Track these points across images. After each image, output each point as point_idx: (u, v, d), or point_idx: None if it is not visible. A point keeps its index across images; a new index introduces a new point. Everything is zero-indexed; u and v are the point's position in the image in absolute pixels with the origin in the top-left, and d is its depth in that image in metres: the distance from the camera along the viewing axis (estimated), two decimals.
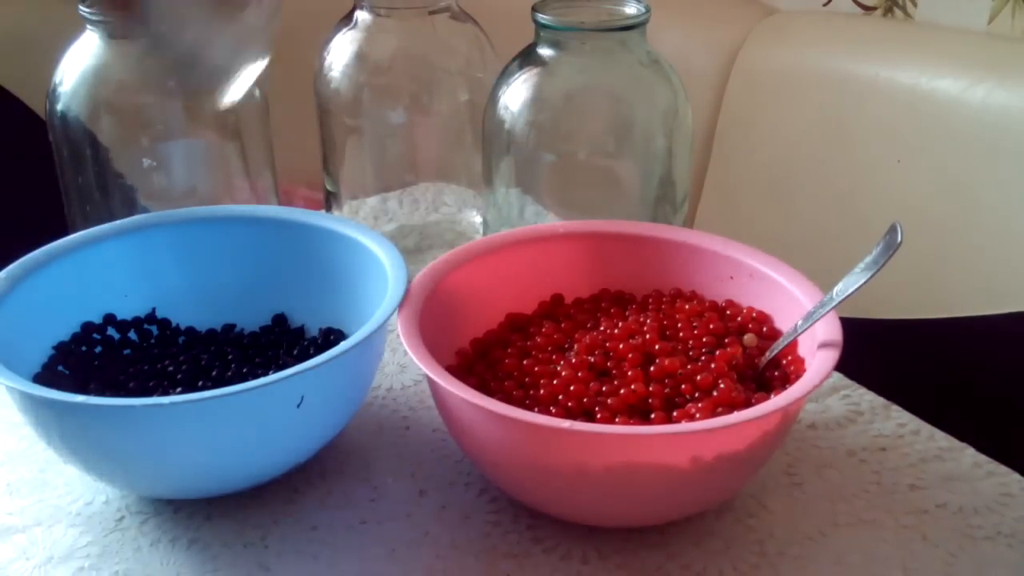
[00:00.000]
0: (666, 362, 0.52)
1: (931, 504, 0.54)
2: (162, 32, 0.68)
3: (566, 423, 0.46)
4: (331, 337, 0.61)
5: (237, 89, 0.65)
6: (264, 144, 0.76)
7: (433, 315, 0.55)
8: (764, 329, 0.57)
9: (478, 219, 0.81)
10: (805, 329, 0.52)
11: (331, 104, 0.77)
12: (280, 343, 0.61)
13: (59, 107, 0.70)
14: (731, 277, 0.60)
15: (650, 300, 0.60)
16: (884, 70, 0.98)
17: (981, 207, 0.90)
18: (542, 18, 0.65)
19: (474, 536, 0.52)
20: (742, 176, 1.10)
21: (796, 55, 1.06)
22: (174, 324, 0.63)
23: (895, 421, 0.60)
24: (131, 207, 0.72)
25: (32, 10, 1.17)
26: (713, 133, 1.12)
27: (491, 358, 0.56)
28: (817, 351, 0.50)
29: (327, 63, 0.76)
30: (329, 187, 0.81)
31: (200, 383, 0.57)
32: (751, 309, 0.58)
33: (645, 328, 0.55)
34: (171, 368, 0.58)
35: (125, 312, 0.61)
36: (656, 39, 0.68)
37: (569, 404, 0.51)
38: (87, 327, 0.60)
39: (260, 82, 0.73)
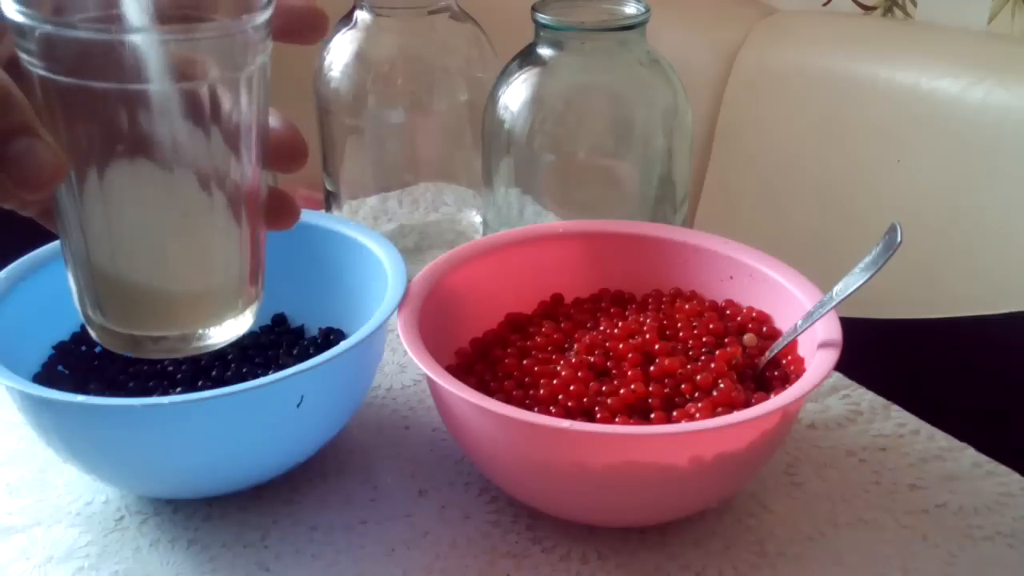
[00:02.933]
0: (666, 362, 0.52)
1: (931, 504, 0.54)
2: None
3: (566, 423, 0.46)
4: (331, 337, 0.61)
5: None
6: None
7: (433, 315, 0.55)
8: (764, 329, 0.57)
9: (478, 219, 0.81)
10: (805, 329, 0.52)
11: (331, 104, 0.77)
12: (280, 343, 0.61)
13: None
14: (731, 277, 0.60)
15: (650, 300, 0.60)
16: (884, 70, 0.98)
17: (981, 207, 0.90)
18: (542, 18, 0.65)
19: (474, 536, 0.52)
20: (742, 176, 1.10)
21: (796, 55, 1.06)
22: None
23: (895, 421, 0.60)
24: None
25: None
26: (713, 133, 1.12)
27: (491, 358, 0.56)
28: (817, 351, 0.50)
29: (327, 63, 0.76)
30: (329, 187, 0.81)
31: (200, 383, 0.57)
32: (751, 309, 0.58)
33: (645, 328, 0.55)
34: (171, 368, 0.58)
35: None
36: (656, 39, 0.68)
37: (569, 404, 0.51)
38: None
39: None
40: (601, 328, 0.57)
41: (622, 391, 0.51)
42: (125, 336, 0.38)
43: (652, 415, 0.50)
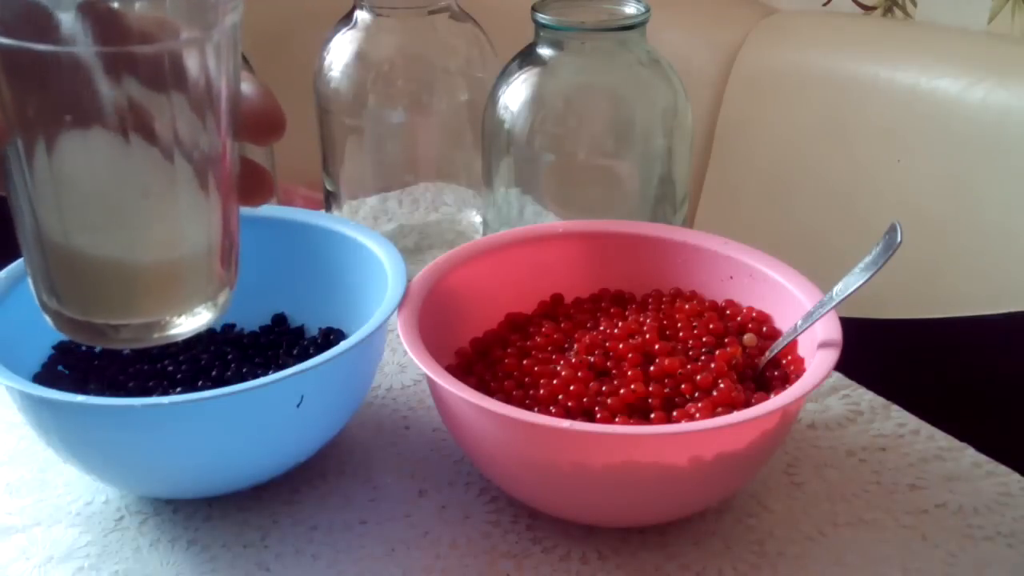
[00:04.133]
0: (666, 362, 0.52)
1: (931, 504, 0.54)
2: None
3: (566, 423, 0.46)
4: (331, 337, 0.61)
5: None
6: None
7: (433, 315, 0.55)
8: (764, 329, 0.57)
9: (478, 219, 0.81)
10: (805, 329, 0.52)
11: (331, 104, 0.77)
12: (280, 343, 0.61)
13: None
14: (731, 277, 0.60)
15: (650, 300, 0.60)
16: (884, 70, 0.98)
17: (981, 207, 0.90)
18: (542, 18, 0.65)
19: (474, 536, 0.52)
20: (742, 176, 1.10)
21: (796, 55, 1.06)
22: None
23: (895, 421, 0.60)
24: None
25: None
26: (713, 133, 1.12)
27: (491, 358, 0.56)
28: (817, 351, 0.50)
29: (327, 63, 0.76)
30: (329, 187, 0.81)
31: (200, 383, 0.57)
32: (751, 309, 0.58)
33: (645, 328, 0.55)
34: (171, 368, 0.58)
35: None
36: (656, 39, 0.68)
37: (569, 404, 0.51)
38: None
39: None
40: (601, 328, 0.57)
41: (622, 391, 0.51)
42: (83, 324, 0.36)
43: (652, 415, 0.50)
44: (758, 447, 0.48)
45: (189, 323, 0.37)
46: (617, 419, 0.50)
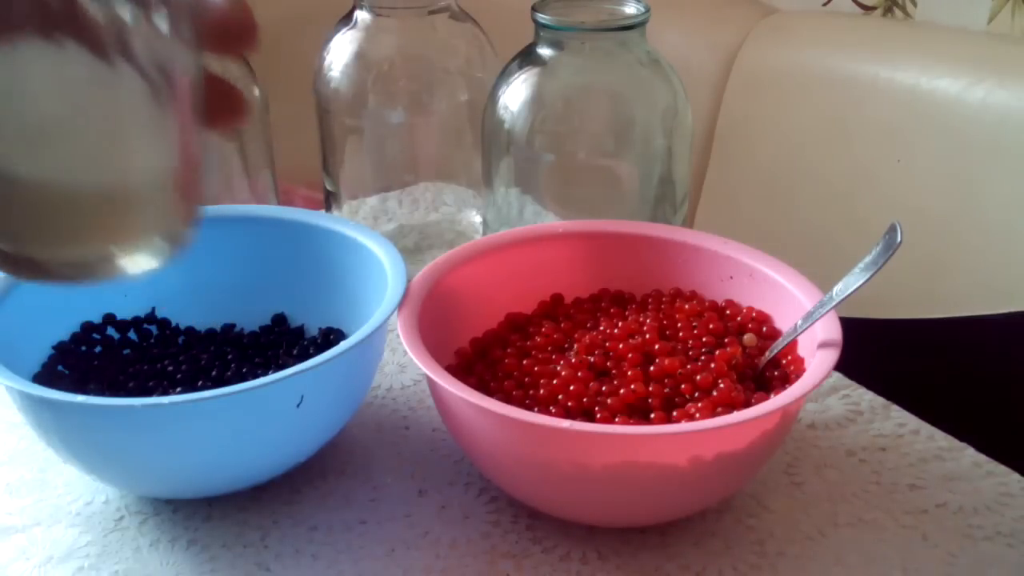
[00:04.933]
0: (666, 362, 0.52)
1: (931, 504, 0.54)
2: None
3: (566, 423, 0.46)
4: (331, 337, 0.61)
5: None
6: (264, 143, 0.76)
7: (433, 315, 0.55)
8: (764, 329, 0.57)
9: (478, 219, 0.81)
10: (805, 329, 0.52)
11: (331, 104, 0.77)
12: (280, 343, 0.61)
13: None
14: (731, 277, 0.60)
15: (650, 300, 0.60)
16: (884, 70, 0.98)
17: (981, 207, 0.91)
18: (542, 18, 0.65)
19: (474, 536, 0.52)
20: (742, 176, 1.10)
21: (796, 55, 1.06)
22: (174, 324, 0.63)
23: (895, 421, 0.60)
24: None
25: None
26: (713, 133, 1.12)
27: (491, 358, 0.56)
28: (817, 351, 0.50)
29: (327, 63, 0.76)
30: (329, 187, 0.81)
31: (200, 383, 0.57)
32: (751, 309, 0.58)
33: (645, 328, 0.55)
34: (171, 368, 0.58)
35: (125, 312, 0.61)
36: (656, 39, 0.68)
37: (569, 404, 0.51)
38: (87, 327, 0.60)
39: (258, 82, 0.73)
40: (601, 328, 0.57)
41: (622, 391, 0.51)
42: (21, 259, 0.32)
43: (652, 415, 0.50)
44: (758, 447, 0.48)
45: (141, 260, 0.33)
46: (617, 419, 0.50)
